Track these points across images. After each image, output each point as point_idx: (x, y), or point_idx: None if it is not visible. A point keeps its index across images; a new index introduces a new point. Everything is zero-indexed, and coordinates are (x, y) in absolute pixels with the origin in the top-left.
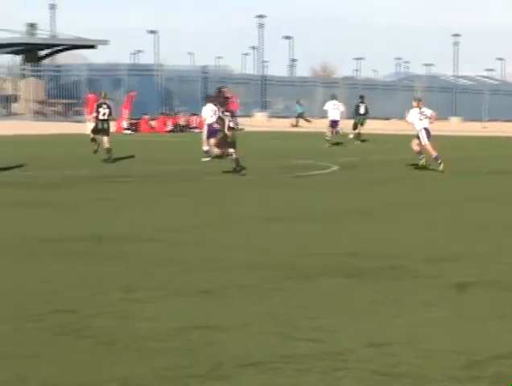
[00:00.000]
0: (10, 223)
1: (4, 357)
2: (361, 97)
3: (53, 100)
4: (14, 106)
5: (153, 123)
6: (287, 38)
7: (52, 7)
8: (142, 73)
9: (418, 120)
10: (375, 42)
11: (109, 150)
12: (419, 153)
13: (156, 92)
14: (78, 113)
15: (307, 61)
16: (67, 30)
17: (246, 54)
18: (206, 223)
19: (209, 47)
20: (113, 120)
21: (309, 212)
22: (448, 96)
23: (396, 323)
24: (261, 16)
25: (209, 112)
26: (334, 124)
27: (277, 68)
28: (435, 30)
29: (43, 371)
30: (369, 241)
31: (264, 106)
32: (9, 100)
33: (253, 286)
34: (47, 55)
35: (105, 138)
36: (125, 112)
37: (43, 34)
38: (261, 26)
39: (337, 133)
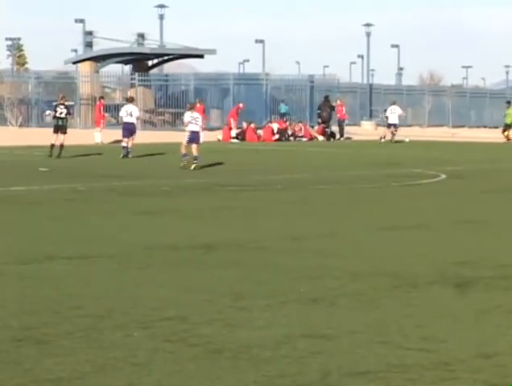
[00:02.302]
0: (129, 231)
1: (114, 364)
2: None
3: (161, 110)
4: None
5: (260, 132)
6: (395, 46)
7: (161, 17)
8: (249, 82)
9: (189, 122)
10: (484, 49)
11: (61, 147)
12: (184, 155)
13: (263, 101)
14: None
15: (415, 69)
16: (175, 40)
17: (353, 62)
18: (320, 231)
19: (316, 56)
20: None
21: (419, 221)
22: None
23: (507, 333)
24: (368, 25)
25: (124, 113)
26: (390, 126)
27: (384, 77)
28: None
29: (151, 379)
30: (479, 250)
31: (371, 115)
32: (118, 109)
33: (361, 294)
34: (155, 65)
35: (62, 136)
36: (233, 122)
37: (151, 44)
38: (368, 34)
39: (393, 135)
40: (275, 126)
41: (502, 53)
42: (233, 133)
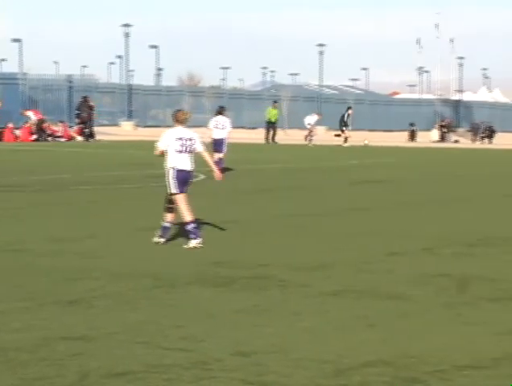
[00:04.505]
0: None
1: None
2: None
3: None
4: None
5: (18, 132)
6: (153, 47)
7: None
8: (5, 82)
9: None
10: (241, 51)
11: None
12: None
13: (20, 101)
14: None
15: (174, 70)
16: None
17: (112, 63)
18: (81, 233)
19: (74, 56)
20: None
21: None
22: (313, 105)
23: (264, 332)
24: (127, 25)
25: None
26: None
27: (143, 77)
28: (301, 39)
29: None
30: (236, 250)
31: (130, 115)
32: None
33: (121, 295)
34: None
35: None
36: None
37: None
38: (127, 35)
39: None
40: (31, 114)
41: (259, 55)
42: None
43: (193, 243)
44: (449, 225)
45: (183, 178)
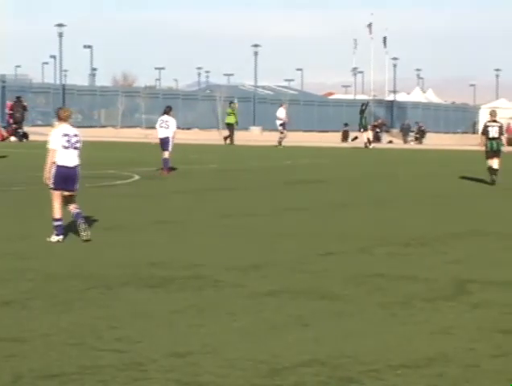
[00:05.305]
0: None
1: None
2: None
3: None
4: None
5: None
6: (88, 47)
7: None
8: None
9: None
10: (176, 51)
11: None
12: None
13: None
14: None
15: (108, 70)
16: None
17: (46, 63)
18: (12, 233)
19: (8, 56)
20: None
21: (115, 222)
22: (249, 105)
23: (199, 333)
24: (60, 25)
25: None
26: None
27: (77, 77)
28: (236, 40)
29: None
30: (171, 251)
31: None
32: None
33: (54, 297)
34: None
35: None
36: None
37: None
38: (60, 34)
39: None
40: None
41: (194, 55)
42: None
43: (55, 238)
44: (383, 225)
45: (64, 175)
